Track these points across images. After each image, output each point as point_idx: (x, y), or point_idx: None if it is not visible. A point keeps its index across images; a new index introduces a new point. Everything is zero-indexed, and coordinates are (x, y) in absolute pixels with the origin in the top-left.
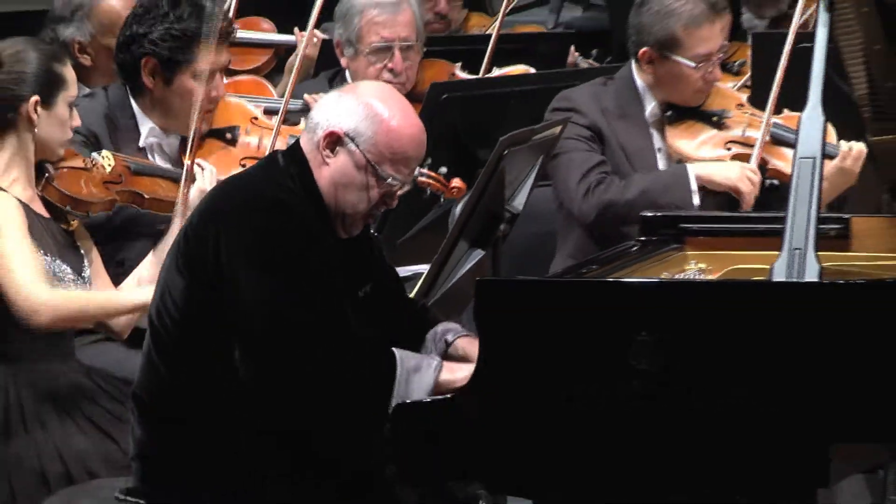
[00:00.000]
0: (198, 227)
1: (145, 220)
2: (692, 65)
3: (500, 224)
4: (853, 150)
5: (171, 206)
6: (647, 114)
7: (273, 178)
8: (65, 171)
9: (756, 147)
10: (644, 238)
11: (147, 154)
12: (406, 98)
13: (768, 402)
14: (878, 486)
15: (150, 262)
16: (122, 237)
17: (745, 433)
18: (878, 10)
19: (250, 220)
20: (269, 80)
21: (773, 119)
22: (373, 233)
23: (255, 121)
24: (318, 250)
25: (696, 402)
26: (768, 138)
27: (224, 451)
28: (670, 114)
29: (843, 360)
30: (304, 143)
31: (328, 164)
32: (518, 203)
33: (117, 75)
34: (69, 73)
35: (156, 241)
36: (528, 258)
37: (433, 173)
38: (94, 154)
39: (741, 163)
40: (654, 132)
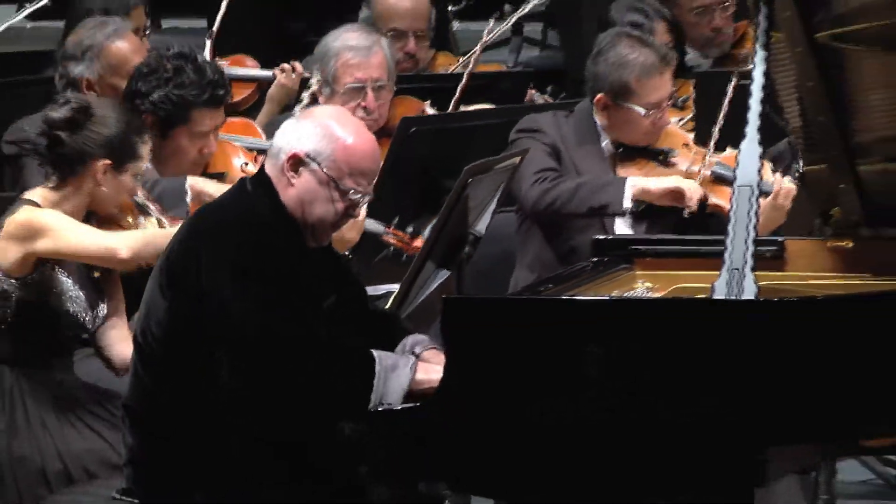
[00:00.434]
0: (178, 250)
1: None
2: (643, 112)
3: (464, 246)
4: (784, 189)
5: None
6: (603, 146)
7: (243, 202)
8: (108, 226)
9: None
10: (596, 259)
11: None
12: (378, 133)
13: (710, 409)
14: (810, 486)
15: None
16: None
17: (689, 437)
18: (810, 49)
19: (226, 239)
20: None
21: (715, 157)
22: (346, 254)
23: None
24: (289, 263)
25: (644, 408)
26: (709, 173)
27: (209, 456)
28: (621, 151)
29: (777, 370)
30: (269, 168)
31: (294, 185)
32: (481, 227)
33: None
34: (144, 148)
35: None
36: (489, 277)
37: (399, 232)
38: (143, 219)
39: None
40: (607, 164)
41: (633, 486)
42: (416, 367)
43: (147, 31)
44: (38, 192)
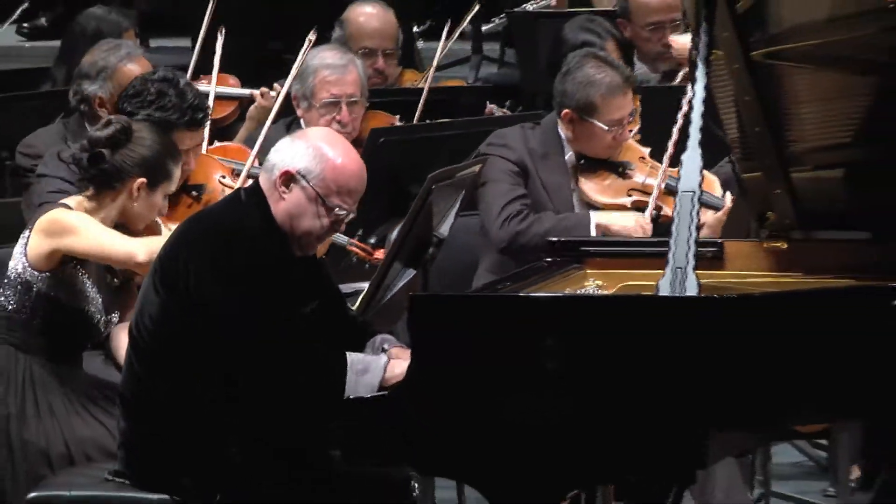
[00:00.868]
0: (170, 253)
1: None
2: (606, 128)
3: (428, 248)
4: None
5: None
6: (566, 158)
7: (235, 211)
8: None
9: (653, 195)
10: (550, 259)
11: None
12: (352, 143)
13: (655, 396)
14: (748, 468)
15: None
16: None
17: (637, 422)
18: (747, 66)
19: (216, 245)
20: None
21: (669, 171)
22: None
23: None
24: (275, 269)
25: (595, 396)
26: (663, 186)
27: (194, 441)
28: (583, 162)
29: (717, 362)
30: (263, 181)
31: (284, 199)
32: (444, 230)
33: None
34: (177, 171)
35: None
36: (452, 276)
37: (361, 244)
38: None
39: (637, 214)
40: (569, 174)
41: (586, 467)
42: (387, 365)
43: None
44: (73, 199)
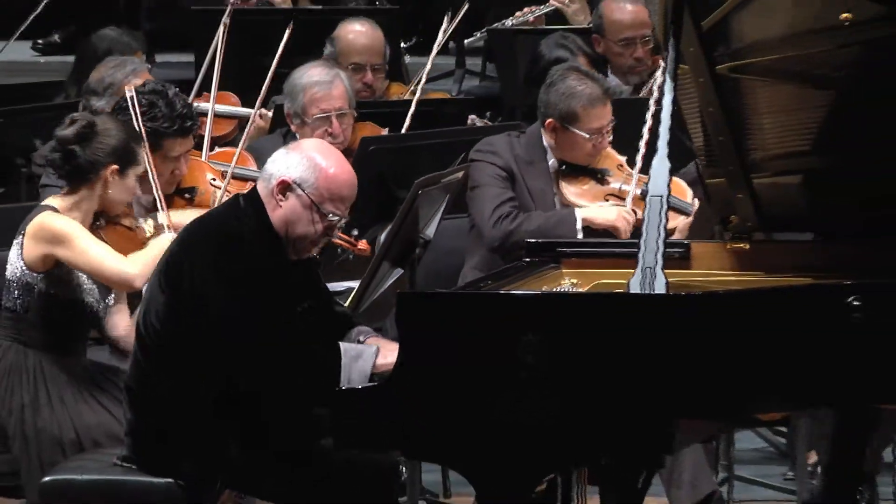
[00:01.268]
0: (174, 255)
1: None
2: (586, 136)
3: (415, 248)
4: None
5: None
6: (549, 164)
7: (234, 216)
8: (112, 225)
9: (628, 200)
10: (529, 259)
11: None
12: (343, 153)
13: (626, 386)
14: (713, 453)
15: None
16: None
17: (609, 411)
18: (712, 80)
19: (217, 248)
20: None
21: (644, 178)
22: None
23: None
24: (272, 271)
25: (570, 386)
26: (638, 192)
27: (195, 430)
28: (565, 168)
29: (684, 354)
30: (261, 189)
31: (281, 207)
32: (429, 232)
33: None
34: (142, 153)
35: None
36: (437, 274)
37: (345, 235)
38: (140, 219)
39: (618, 206)
40: (552, 179)
41: (562, 452)
42: (377, 353)
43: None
44: (56, 200)
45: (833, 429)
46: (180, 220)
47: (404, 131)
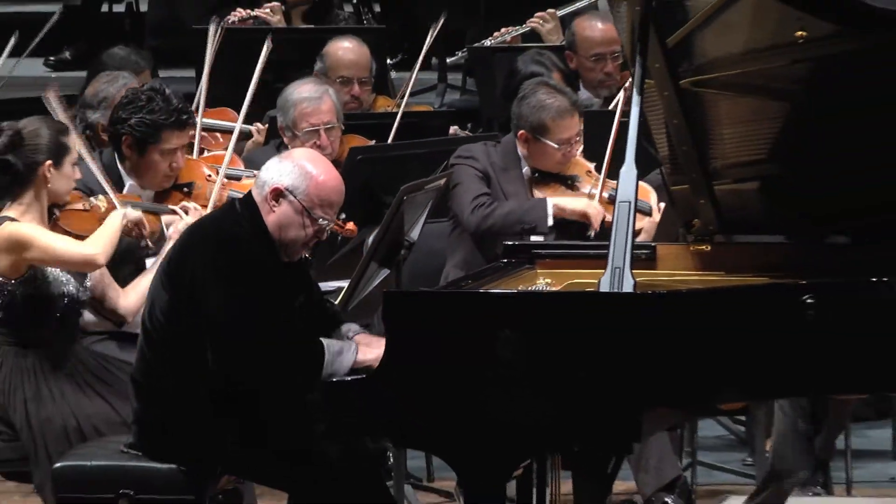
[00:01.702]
0: (176, 255)
1: (135, 246)
2: (556, 146)
3: (400, 250)
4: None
5: (155, 234)
6: (523, 172)
7: (231, 219)
8: (67, 212)
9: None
10: (506, 260)
11: None
12: (332, 163)
13: (597, 379)
14: (678, 440)
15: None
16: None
17: (582, 401)
18: (676, 93)
19: (215, 250)
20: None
21: (610, 183)
22: (306, 256)
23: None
24: (266, 272)
25: (545, 379)
26: (606, 196)
27: (196, 418)
28: (537, 175)
29: (651, 348)
30: (255, 194)
31: (274, 212)
32: (414, 235)
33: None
34: (72, 141)
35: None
36: (421, 275)
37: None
38: (91, 198)
39: (588, 200)
40: (526, 186)
41: (537, 440)
42: (358, 350)
43: None
44: (9, 210)
45: None
46: (127, 196)
47: (390, 141)
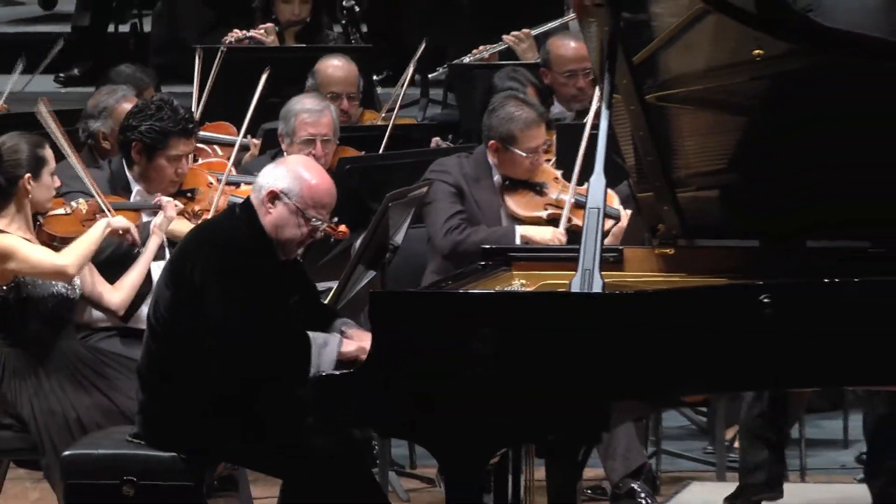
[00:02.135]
0: (179, 256)
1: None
2: (524, 155)
3: (386, 253)
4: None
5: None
6: (494, 180)
7: (230, 223)
8: (50, 217)
9: (565, 209)
10: (483, 262)
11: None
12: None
13: (568, 373)
14: (643, 430)
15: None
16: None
17: (554, 394)
18: (642, 108)
19: (215, 251)
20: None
21: (577, 189)
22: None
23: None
24: (263, 271)
25: (520, 373)
26: (573, 201)
27: (198, 409)
28: (507, 183)
29: (619, 345)
30: (253, 198)
31: (270, 213)
32: (398, 239)
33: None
34: (49, 153)
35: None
36: (405, 276)
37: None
38: (73, 202)
39: (553, 228)
40: (498, 193)
41: (513, 430)
42: (342, 342)
43: None
44: None
45: None
46: (111, 197)
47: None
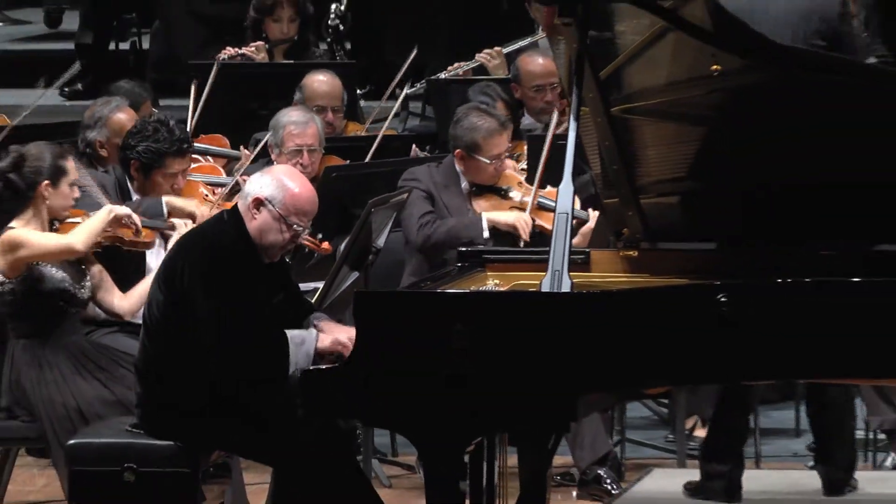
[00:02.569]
0: (171, 259)
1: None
2: (488, 162)
3: (369, 255)
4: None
5: (146, 245)
6: (462, 186)
7: (217, 228)
8: (66, 224)
9: (528, 210)
10: (459, 264)
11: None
12: (311, 180)
13: (539, 367)
14: (609, 420)
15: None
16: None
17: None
18: (607, 119)
19: (203, 256)
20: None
21: (540, 192)
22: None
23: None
24: (247, 274)
25: (494, 367)
26: (535, 203)
27: (191, 402)
28: (474, 189)
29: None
30: (240, 206)
31: (255, 219)
32: (380, 242)
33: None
34: (70, 165)
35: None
36: (386, 277)
37: (311, 237)
38: (91, 213)
39: (518, 212)
40: (466, 198)
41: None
42: (318, 338)
43: None
44: (15, 222)
45: None
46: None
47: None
